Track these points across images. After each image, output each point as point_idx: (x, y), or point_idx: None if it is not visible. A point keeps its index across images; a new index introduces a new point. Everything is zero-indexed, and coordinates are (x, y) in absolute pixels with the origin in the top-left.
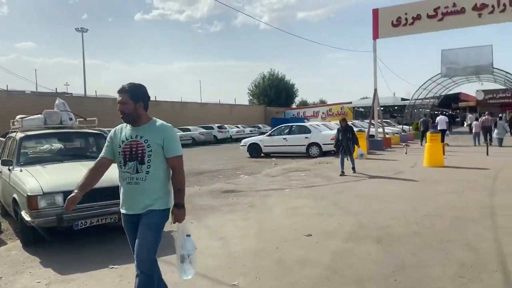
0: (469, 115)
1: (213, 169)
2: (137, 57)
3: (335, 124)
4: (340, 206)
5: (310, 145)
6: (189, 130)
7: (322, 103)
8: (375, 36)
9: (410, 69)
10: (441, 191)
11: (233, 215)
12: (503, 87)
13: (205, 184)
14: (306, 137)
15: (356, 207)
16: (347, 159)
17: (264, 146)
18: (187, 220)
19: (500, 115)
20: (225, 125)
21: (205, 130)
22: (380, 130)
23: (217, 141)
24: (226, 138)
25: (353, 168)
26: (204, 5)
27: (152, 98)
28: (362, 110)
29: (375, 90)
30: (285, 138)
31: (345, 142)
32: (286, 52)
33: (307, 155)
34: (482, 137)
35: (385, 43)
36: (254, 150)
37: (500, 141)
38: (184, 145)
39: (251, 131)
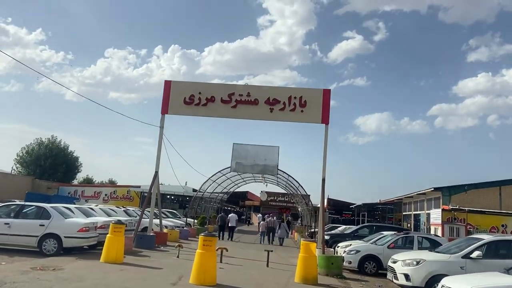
0: (258, 215)
1: None
2: None
3: (107, 208)
4: None
5: (45, 236)
6: None
7: (111, 183)
8: (164, 110)
9: (205, 160)
10: None
11: None
12: (284, 191)
13: None
14: (41, 225)
15: None
16: None
17: None
18: None
19: (288, 217)
20: None
21: None
22: (157, 221)
23: None
24: None
25: None
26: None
27: None
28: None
29: (156, 172)
30: (7, 223)
31: None
32: (90, 128)
33: (39, 250)
34: (267, 237)
35: (181, 129)
36: None
37: (281, 241)
38: None
39: None
